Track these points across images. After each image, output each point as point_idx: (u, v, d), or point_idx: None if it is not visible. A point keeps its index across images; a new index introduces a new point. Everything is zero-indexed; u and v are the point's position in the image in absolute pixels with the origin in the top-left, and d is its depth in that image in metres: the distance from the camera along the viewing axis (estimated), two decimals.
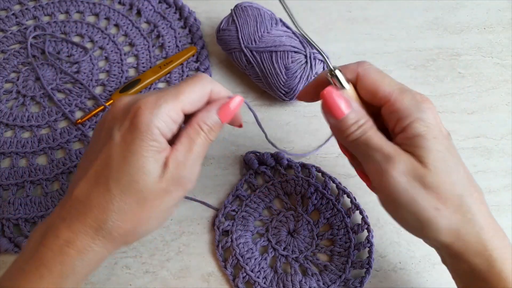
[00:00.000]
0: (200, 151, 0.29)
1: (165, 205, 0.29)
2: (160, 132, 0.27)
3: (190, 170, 0.29)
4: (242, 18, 0.48)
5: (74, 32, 0.55)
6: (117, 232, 0.27)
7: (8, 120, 0.47)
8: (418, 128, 0.28)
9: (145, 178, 0.27)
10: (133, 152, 0.27)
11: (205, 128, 0.29)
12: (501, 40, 0.57)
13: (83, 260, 0.27)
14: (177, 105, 0.28)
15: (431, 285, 0.39)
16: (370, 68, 0.30)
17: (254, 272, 0.39)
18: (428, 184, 0.27)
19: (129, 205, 0.27)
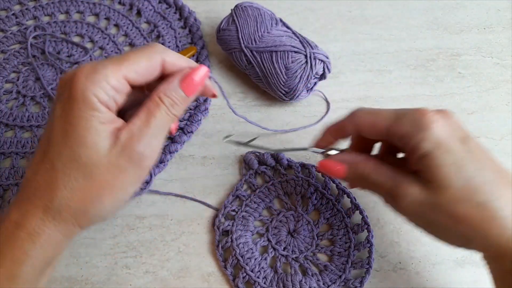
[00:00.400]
0: (160, 126, 0.27)
1: (118, 183, 0.26)
2: (99, 100, 0.25)
3: (147, 146, 0.26)
4: (242, 18, 0.48)
5: (74, 32, 0.55)
6: (66, 212, 0.25)
7: (8, 120, 0.47)
8: (424, 148, 0.28)
9: (88, 151, 0.25)
10: (72, 123, 0.25)
11: (167, 101, 0.27)
12: (501, 40, 0.57)
13: (35, 243, 0.25)
14: (117, 71, 0.26)
15: (431, 285, 0.39)
16: (361, 114, 0.32)
17: (254, 272, 0.39)
18: (439, 204, 0.27)
19: (76, 180, 0.25)
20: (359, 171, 0.32)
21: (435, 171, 0.27)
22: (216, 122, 0.49)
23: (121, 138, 0.26)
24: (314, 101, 0.50)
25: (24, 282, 0.25)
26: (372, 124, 0.31)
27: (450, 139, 0.28)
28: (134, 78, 0.27)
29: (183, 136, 0.47)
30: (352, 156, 0.33)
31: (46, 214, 0.25)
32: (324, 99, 0.50)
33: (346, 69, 0.53)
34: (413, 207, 0.28)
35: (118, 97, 0.26)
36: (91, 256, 0.40)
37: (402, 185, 0.29)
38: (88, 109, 0.25)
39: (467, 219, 0.27)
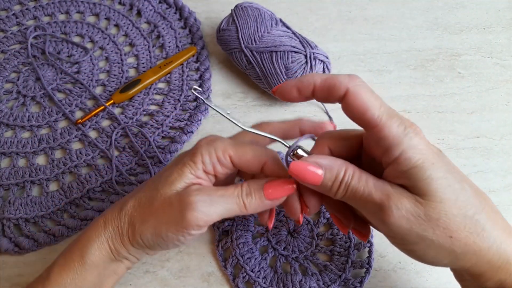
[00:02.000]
0: (224, 201, 0.29)
1: (163, 217, 0.29)
2: (201, 159, 0.30)
3: (200, 203, 0.29)
4: (242, 18, 0.48)
5: (74, 32, 0.55)
6: (128, 216, 0.31)
7: (9, 120, 0.47)
8: (413, 158, 0.25)
9: (164, 184, 0.30)
10: (176, 161, 0.32)
11: (244, 188, 0.30)
12: (500, 40, 0.57)
13: (105, 230, 0.31)
14: (226, 148, 0.30)
15: (431, 285, 0.39)
16: (361, 86, 0.27)
17: (254, 272, 0.39)
18: (433, 217, 0.26)
19: (145, 197, 0.31)
20: (338, 178, 0.27)
21: (427, 183, 0.26)
22: (216, 122, 0.49)
23: (191, 187, 0.30)
24: (314, 101, 0.50)
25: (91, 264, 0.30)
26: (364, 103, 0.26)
27: (434, 154, 0.26)
28: (237, 161, 0.31)
29: (183, 136, 0.47)
30: (328, 159, 0.28)
31: (118, 213, 0.31)
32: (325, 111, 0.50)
33: (346, 69, 0.53)
34: (405, 221, 0.26)
35: (219, 168, 0.31)
36: None
37: (394, 196, 0.26)
38: (190, 159, 0.30)
39: (461, 233, 0.26)
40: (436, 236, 0.26)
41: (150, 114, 0.49)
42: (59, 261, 0.31)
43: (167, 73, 0.52)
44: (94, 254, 0.30)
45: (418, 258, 0.29)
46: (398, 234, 0.27)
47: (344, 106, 0.27)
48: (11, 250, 0.40)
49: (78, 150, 0.46)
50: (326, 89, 0.27)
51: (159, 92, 0.51)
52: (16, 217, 0.41)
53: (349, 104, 0.27)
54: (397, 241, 0.28)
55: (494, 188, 0.45)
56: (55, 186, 0.44)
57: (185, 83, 0.51)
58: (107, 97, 0.50)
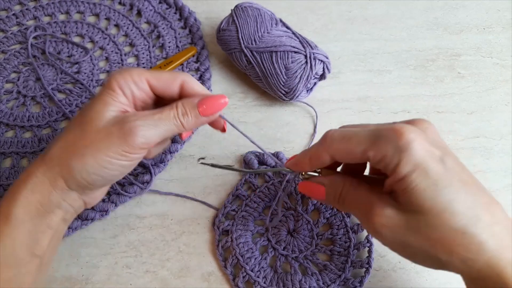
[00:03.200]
0: (163, 123, 0.31)
1: (102, 146, 0.29)
2: (118, 84, 0.31)
3: (141, 128, 0.30)
4: (242, 18, 0.48)
5: (74, 32, 0.55)
6: (56, 159, 0.30)
7: (9, 120, 0.48)
8: (403, 170, 0.26)
9: (91, 113, 0.30)
10: (93, 98, 0.32)
11: (180, 109, 0.31)
12: (500, 40, 0.57)
13: (26, 184, 0.29)
14: (141, 73, 0.31)
15: (430, 285, 0.39)
16: (332, 140, 0.30)
17: (254, 272, 0.39)
18: (413, 227, 0.26)
19: (73, 134, 0.30)
20: (337, 191, 0.31)
21: (411, 195, 0.26)
22: None
23: (125, 114, 0.31)
24: (314, 101, 0.50)
25: (16, 220, 0.29)
26: (346, 151, 0.29)
27: (427, 159, 0.26)
28: (154, 84, 0.32)
29: None
30: (330, 178, 0.32)
31: (42, 160, 0.30)
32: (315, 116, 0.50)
33: (346, 69, 0.53)
34: (387, 229, 0.27)
35: (137, 91, 0.31)
36: (91, 256, 0.40)
37: (377, 206, 0.28)
38: (106, 89, 0.31)
39: (444, 243, 0.26)
40: (418, 244, 0.27)
41: None
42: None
43: None
44: (19, 212, 0.29)
45: (410, 260, 0.30)
46: (385, 239, 0.29)
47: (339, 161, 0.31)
48: None
49: None
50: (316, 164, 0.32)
51: None
52: None
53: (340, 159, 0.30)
54: (388, 246, 0.29)
55: (494, 188, 0.45)
56: None
57: None
58: None
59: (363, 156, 0.28)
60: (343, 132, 0.30)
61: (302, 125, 0.48)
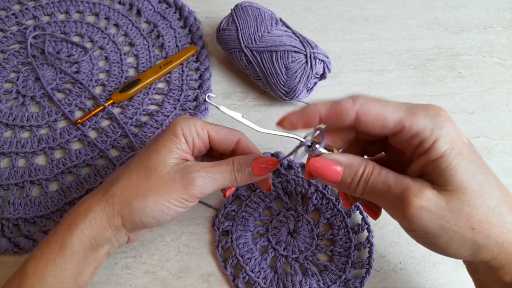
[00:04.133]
0: (220, 176, 0.32)
1: (164, 191, 0.31)
2: (182, 132, 0.32)
3: (201, 178, 0.31)
4: (242, 18, 0.47)
5: (74, 32, 0.55)
6: (117, 197, 0.31)
7: (8, 120, 0.47)
8: (442, 148, 0.26)
9: (157, 158, 0.31)
10: (157, 141, 0.33)
11: (236, 164, 0.33)
12: (501, 40, 0.57)
13: (85, 217, 0.30)
14: (205, 125, 0.34)
15: (431, 285, 0.39)
16: (367, 101, 0.27)
17: (254, 272, 0.39)
18: (455, 207, 0.26)
19: (136, 176, 0.31)
20: (358, 173, 0.28)
21: (452, 173, 0.26)
22: (216, 122, 0.48)
23: (187, 162, 0.32)
24: (314, 101, 0.49)
25: (70, 252, 0.30)
26: (379, 115, 0.26)
27: (461, 141, 0.26)
28: (213, 136, 0.34)
29: None
30: (347, 156, 0.29)
31: (103, 196, 0.31)
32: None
33: (346, 69, 0.53)
34: (426, 213, 0.26)
35: (198, 141, 0.33)
36: None
37: (414, 187, 0.26)
38: (171, 135, 0.32)
39: (483, 224, 0.26)
40: (458, 227, 0.26)
41: (150, 114, 0.49)
42: (36, 254, 0.30)
43: (167, 73, 0.52)
44: (73, 244, 0.30)
45: (441, 251, 0.28)
46: (419, 226, 0.26)
47: (361, 128, 0.27)
48: (10, 250, 0.40)
49: (77, 150, 0.46)
50: (334, 118, 0.28)
51: (159, 92, 0.51)
52: (15, 217, 0.41)
53: (365, 124, 0.27)
54: (419, 234, 0.28)
55: None
56: (54, 186, 0.44)
57: (184, 83, 0.51)
58: (106, 97, 0.50)
59: (396, 125, 0.26)
60: (379, 98, 0.27)
61: None
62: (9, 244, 0.40)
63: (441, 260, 0.40)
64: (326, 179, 0.29)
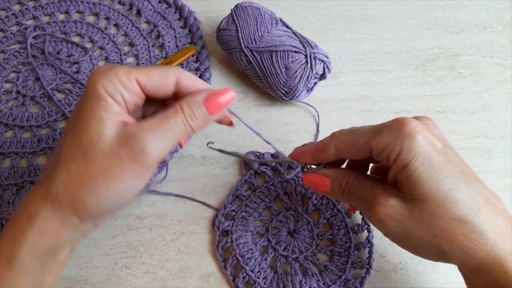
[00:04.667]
0: (172, 131, 0.27)
1: (115, 172, 0.26)
2: (106, 91, 0.26)
3: (152, 143, 0.26)
4: (242, 18, 0.47)
5: (74, 32, 0.55)
6: (63, 196, 0.25)
7: (8, 120, 0.47)
8: (405, 159, 0.27)
9: (89, 135, 0.26)
10: (81, 111, 0.26)
11: (186, 111, 0.27)
12: (501, 40, 0.57)
13: (33, 226, 0.25)
14: (129, 72, 0.27)
15: (431, 285, 0.39)
16: (341, 134, 0.31)
17: (254, 273, 0.39)
18: (416, 216, 0.27)
19: (75, 163, 0.26)
20: (342, 183, 0.31)
21: (414, 183, 0.27)
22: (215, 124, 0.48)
23: (128, 129, 0.26)
24: (314, 101, 0.50)
25: (21, 266, 0.25)
26: (350, 143, 0.30)
27: (430, 149, 0.27)
28: (145, 83, 0.27)
29: None
30: (334, 170, 0.33)
31: (46, 198, 0.26)
32: (315, 116, 0.50)
33: (346, 69, 0.53)
34: (390, 219, 0.28)
35: (128, 95, 0.27)
36: (91, 256, 0.40)
37: (381, 195, 0.28)
38: (94, 98, 0.26)
39: (446, 233, 0.26)
40: (421, 234, 0.27)
41: None
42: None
43: None
44: (24, 257, 0.25)
45: (412, 252, 0.30)
46: (388, 230, 0.29)
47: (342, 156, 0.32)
48: None
49: None
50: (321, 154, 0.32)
51: None
52: None
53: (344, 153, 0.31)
54: (390, 237, 0.30)
55: (495, 188, 0.44)
56: None
57: None
58: None
59: (366, 147, 0.29)
60: (352, 128, 0.31)
61: (302, 125, 0.48)
62: None
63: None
64: (319, 190, 0.33)
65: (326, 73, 0.47)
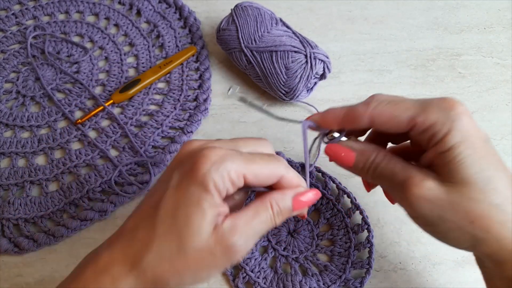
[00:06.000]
0: (260, 228, 0.28)
1: (204, 266, 0.26)
2: (215, 186, 0.26)
3: (243, 242, 0.26)
4: (242, 18, 0.47)
5: (74, 32, 0.55)
6: (150, 275, 0.26)
7: (8, 120, 0.47)
8: (452, 141, 0.26)
9: (190, 230, 0.26)
10: (185, 198, 0.26)
11: (275, 209, 0.28)
12: (501, 40, 0.57)
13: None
14: (241, 168, 0.27)
15: (431, 285, 0.39)
16: (380, 103, 0.28)
17: (254, 273, 0.39)
18: (455, 200, 0.26)
19: (170, 249, 0.26)
20: (369, 160, 0.30)
21: (457, 166, 0.26)
22: (216, 122, 0.49)
23: (224, 227, 0.26)
24: (314, 101, 0.50)
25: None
26: (391, 115, 0.28)
27: (475, 134, 0.27)
28: (251, 180, 0.28)
29: (183, 136, 0.47)
30: (361, 144, 0.31)
31: (133, 269, 0.26)
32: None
33: (346, 69, 0.53)
34: (424, 201, 0.27)
35: (231, 189, 0.27)
36: None
37: (417, 176, 0.27)
38: (203, 192, 0.26)
39: (483, 220, 0.26)
40: (456, 219, 0.26)
41: (150, 114, 0.49)
42: None
43: (167, 73, 0.52)
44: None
45: (441, 239, 0.29)
46: (420, 213, 0.27)
47: (377, 128, 0.29)
48: (10, 250, 0.40)
49: (77, 150, 0.46)
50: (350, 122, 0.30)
51: (159, 92, 0.51)
52: (15, 217, 0.41)
53: (380, 125, 0.29)
54: (420, 221, 0.28)
55: None
56: (54, 186, 0.44)
57: (184, 83, 0.51)
58: (106, 97, 0.50)
59: (409, 122, 0.27)
60: (391, 96, 0.29)
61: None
62: (9, 244, 0.40)
63: (441, 260, 0.40)
64: (341, 163, 0.31)
65: (326, 73, 0.47)
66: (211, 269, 0.27)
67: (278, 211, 0.28)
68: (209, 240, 0.26)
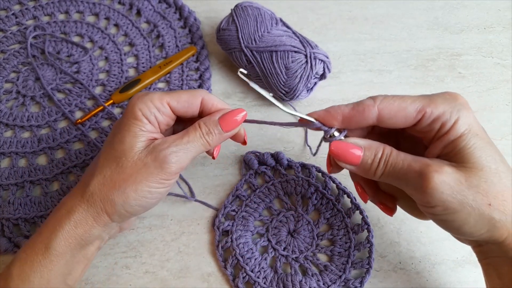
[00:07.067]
0: (191, 145, 0.32)
1: (141, 177, 0.30)
2: (142, 113, 0.31)
3: (173, 154, 0.31)
4: (242, 18, 0.47)
5: (74, 32, 0.55)
6: (96, 196, 0.30)
7: (8, 120, 0.47)
8: (461, 128, 0.28)
9: (124, 147, 0.31)
10: (119, 127, 0.32)
11: (203, 128, 0.32)
12: (501, 40, 0.57)
13: (69, 218, 0.30)
14: (162, 97, 0.32)
15: (431, 285, 0.39)
16: (386, 97, 0.30)
17: (254, 272, 0.39)
18: (474, 183, 0.27)
19: (109, 169, 0.31)
20: (378, 154, 0.30)
21: (471, 151, 0.27)
22: None
23: (155, 142, 0.31)
24: (314, 101, 0.50)
25: (56, 253, 0.30)
26: (399, 109, 0.29)
27: (476, 125, 0.28)
28: (175, 106, 0.33)
29: None
30: (365, 140, 0.31)
31: (83, 196, 0.31)
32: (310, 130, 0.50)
33: (346, 69, 0.53)
34: (446, 187, 0.27)
35: (161, 117, 0.32)
36: None
37: (434, 164, 0.28)
38: (132, 119, 0.31)
39: (500, 201, 0.27)
40: (476, 203, 0.27)
41: None
42: (20, 256, 0.30)
43: (167, 72, 0.52)
44: (59, 245, 0.30)
45: (457, 229, 0.29)
46: (440, 201, 0.27)
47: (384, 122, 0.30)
48: (10, 250, 0.40)
49: (77, 150, 0.46)
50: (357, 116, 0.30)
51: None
52: (15, 217, 0.41)
53: (388, 117, 0.29)
54: (438, 210, 0.28)
55: None
56: (54, 186, 0.44)
57: (184, 83, 0.51)
58: (106, 97, 0.50)
59: (417, 114, 0.29)
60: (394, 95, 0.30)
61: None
62: (9, 244, 0.40)
63: (441, 260, 0.40)
64: (347, 161, 0.31)
65: (326, 73, 0.47)
66: (149, 181, 0.30)
67: (207, 131, 0.32)
68: (141, 154, 0.31)
